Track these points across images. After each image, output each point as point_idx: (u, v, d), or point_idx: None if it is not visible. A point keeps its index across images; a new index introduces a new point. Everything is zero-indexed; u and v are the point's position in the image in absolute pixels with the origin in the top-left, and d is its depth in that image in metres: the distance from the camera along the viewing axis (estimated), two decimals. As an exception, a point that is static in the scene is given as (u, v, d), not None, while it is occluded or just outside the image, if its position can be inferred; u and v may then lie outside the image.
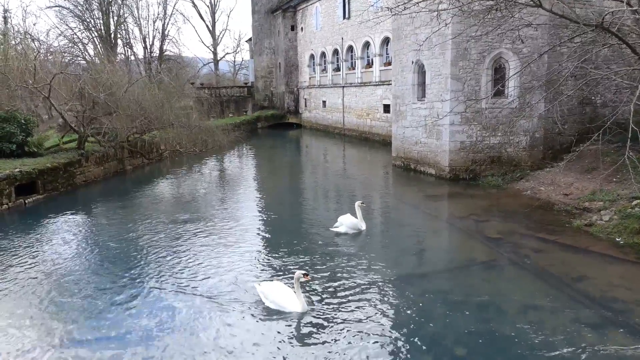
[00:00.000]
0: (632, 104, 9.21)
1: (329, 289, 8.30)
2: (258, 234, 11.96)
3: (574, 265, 9.34)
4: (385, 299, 7.98)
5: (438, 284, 8.77)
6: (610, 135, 10.84)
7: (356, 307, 7.64)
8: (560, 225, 11.59)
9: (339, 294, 8.11)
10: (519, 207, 13.21)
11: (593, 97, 16.85)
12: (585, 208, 12.27)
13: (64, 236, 11.90)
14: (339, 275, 8.91)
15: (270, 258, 10.03)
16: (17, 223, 13.16)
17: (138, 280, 8.93)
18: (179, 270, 9.35)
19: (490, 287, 8.48)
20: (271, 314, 7.51)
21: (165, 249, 10.54)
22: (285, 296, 7.58)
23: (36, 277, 9.14)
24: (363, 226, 11.51)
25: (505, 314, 7.37)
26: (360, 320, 7.23)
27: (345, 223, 11.33)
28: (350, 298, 7.96)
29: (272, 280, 8.33)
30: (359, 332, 6.91)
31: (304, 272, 7.62)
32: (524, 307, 7.58)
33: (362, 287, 8.39)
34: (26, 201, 14.89)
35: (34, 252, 10.61)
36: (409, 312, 7.51)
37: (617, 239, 10.39)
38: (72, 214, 14.05)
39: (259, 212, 14.48)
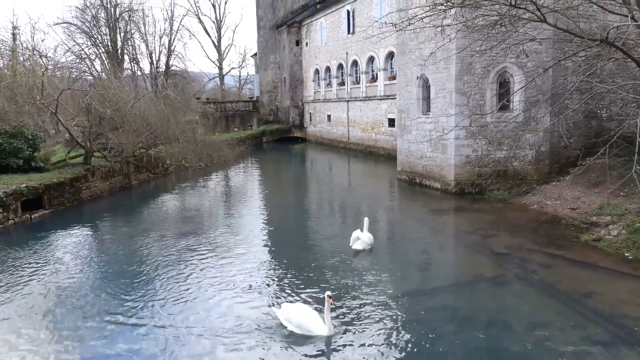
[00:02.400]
0: (638, 118, 9.18)
1: (341, 309, 8.14)
2: (267, 252, 11.83)
3: (582, 281, 9.24)
4: (396, 316, 7.89)
5: (446, 299, 8.69)
6: (616, 149, 10.77)
7: (366, 326, 7.54)
8: (567, 240, 11.49)
9: (349, 314, 7.98)
10: (525, 222, 13.11)
11: (599, 111, 16.81)
12: (592, 222, 12.16)
13: (70, 252, 11.89)
14: (350, 293, 8.78)
15: (282, 278, 9.75)
16: (23, 238, 13.18)
17: (144, 299, 8.78)
18: (188, 290, 9.13)
19: (498, 303, 8.39)
20: (295, 338, 7.17)
21: (172, 268, 10.39)
22: (311, 319, 7.22)
23: (40, 293, 9.12)
24: (372, 241, 11.48)
25: (513, 331, 7.27)
26: (370, 338, 7.14)
27: (363, 238, 11.31)
28: (360, 316, 7.87)
29: (293, 302, 7.98)
30: (372, 352, 6.82)
31: (329, 293, 7.23)
32: (532, 323, 7.48)
33: (371, 305, 8.29)
34: (32, 216, 14.94)
35: (39, 267, 10.60)
36: (420, 329, 7.42)
37: (626, 254, 10.27)
38: (78, 229, 14.07)
39: (266, 228, 14.43)
